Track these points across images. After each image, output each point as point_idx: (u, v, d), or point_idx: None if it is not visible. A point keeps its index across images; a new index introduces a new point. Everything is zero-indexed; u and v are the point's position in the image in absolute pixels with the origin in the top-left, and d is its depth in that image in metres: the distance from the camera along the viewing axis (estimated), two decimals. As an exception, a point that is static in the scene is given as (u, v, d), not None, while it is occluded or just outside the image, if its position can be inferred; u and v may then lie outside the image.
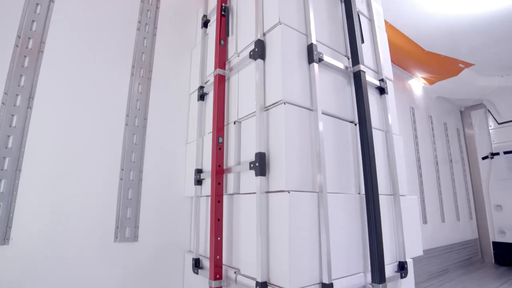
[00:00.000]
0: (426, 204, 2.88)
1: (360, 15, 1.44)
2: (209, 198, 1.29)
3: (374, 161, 1.14)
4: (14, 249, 1.10)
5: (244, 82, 1.25)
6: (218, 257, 1.15)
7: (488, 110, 3.65)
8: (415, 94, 3.25)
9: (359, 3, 1.47)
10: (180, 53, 1.76)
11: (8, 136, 1.15)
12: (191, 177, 1.50)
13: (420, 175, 2.93)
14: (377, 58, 1.46)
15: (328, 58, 1.18)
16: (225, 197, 1.25)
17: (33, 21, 1.27)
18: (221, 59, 1.36)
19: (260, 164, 1.01)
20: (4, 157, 1.13)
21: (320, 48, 1.16)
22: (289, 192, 0.93)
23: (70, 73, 1.34)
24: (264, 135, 1.06)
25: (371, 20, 1.53)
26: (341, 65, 1.23)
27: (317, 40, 1.16)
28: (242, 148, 1.22)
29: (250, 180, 1.11)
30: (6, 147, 1.14)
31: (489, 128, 3.66)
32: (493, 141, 3.59)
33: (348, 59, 1.33)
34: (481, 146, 3.72)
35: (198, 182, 1.45)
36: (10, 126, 1.16)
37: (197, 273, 1.33)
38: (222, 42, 1.39)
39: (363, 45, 1.33)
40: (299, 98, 1.07)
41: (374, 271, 1.05)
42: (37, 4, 1.30)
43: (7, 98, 1.16)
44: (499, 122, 3.53)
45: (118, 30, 1.53)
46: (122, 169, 1.41)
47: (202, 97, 1.54)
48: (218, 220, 1.19)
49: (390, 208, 1.27)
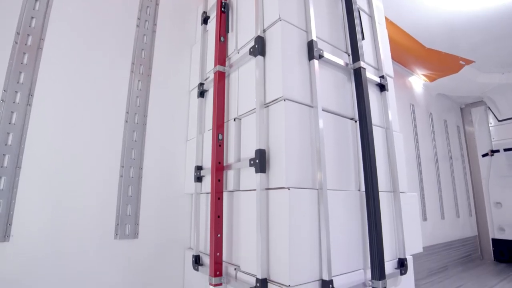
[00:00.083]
0: (426, 201, 2.89)
1: (361, 12, 1.44)
2: (209, 195, 1.29)
3: (374, 158, 1.14)
4: (14, 246, 1.10)
5: (244, 78, 1.25)
6: (218, 254, 1.15)
7: (489, 107, 3.65)
8: (415, 91, 3.25)
9: (359, 0, 1.46)
10: (180, 49, 1.75)
11: (8, 133, 1.15)
12: (191, 174, 1.50)
13: (420, 172, 2.93)
14: (377, 54, 1.46)
15: (328, 54, 1.18)
16: (225, 194, 1.25)
17: (32, 17, 1.27)
18: (221, 55, 1.35)
19: (260, 161, 1.01)
20: (4, 154, 1.13)
21: (320, 45, 1.15)
22: (289, 189, 0.93)
23: (70, 71, 1.33)
24: (264, 132, 1.06)
25: (371, 16, 1.52)
26: (341, 62, 1.23)
27: (317, 37, 1.16)
28: (242, 145, 1.21)
29: (250, 177, 1.11)
30: (6, 144, 1.13)
31: (489, 125, 3.66)
32: (493, 138, 3.60)
33: (349, 55, 1.33)
34: (481, 143, 3.73)
35: (198, 179, 1.45)
36: (9, 123, 1.16)
37: (197, 269, 1.33)
38: (222, 38, 1.38)
39: (363, 41, 1.33)
40: (299, 94, 1.06)
41: (374, 267, 1.05)
42: (36, 0, 1.29)
43: (7, 95, 1.16)
44: (499, 119, 3.54)
45: (117, 27, 1.52)
46: (122, 166, 1.41)
47: (202, 94, 1.54)
48: (218, 217, 1.19)
49: (390, 205, 1.28)
